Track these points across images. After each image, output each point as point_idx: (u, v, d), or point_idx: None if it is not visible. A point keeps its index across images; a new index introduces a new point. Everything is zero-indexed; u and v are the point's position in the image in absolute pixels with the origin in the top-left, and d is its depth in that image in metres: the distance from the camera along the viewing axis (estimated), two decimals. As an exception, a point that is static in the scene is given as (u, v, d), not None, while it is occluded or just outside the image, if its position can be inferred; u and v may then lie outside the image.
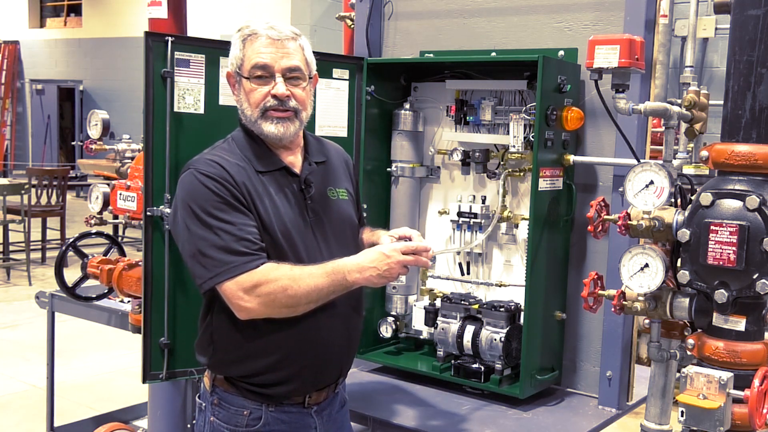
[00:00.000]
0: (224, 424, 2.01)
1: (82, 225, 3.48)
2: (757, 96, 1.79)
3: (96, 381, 5.63)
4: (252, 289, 1.86)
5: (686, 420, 1.77)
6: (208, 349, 2.04)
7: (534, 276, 2.58)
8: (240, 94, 2.03)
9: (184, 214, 1.92)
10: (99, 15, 17.15)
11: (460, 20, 3.04)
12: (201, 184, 1.91)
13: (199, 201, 1.90)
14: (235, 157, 1.99)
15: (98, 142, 3.65)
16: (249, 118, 2.01)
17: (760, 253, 1.74)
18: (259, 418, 2.00)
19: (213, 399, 2.04)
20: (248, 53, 1.98)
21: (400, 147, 2.99)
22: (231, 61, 2.04)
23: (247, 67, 1.98)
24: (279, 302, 1.88)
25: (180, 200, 1.95)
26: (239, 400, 2.00)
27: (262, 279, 1.86)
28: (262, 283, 1.86)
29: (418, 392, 2.77)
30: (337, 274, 1.90)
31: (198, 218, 1.89)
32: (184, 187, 1.95)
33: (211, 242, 1.88)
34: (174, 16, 5.68)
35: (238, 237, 1.88)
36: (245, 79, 1.99)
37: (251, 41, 1.99)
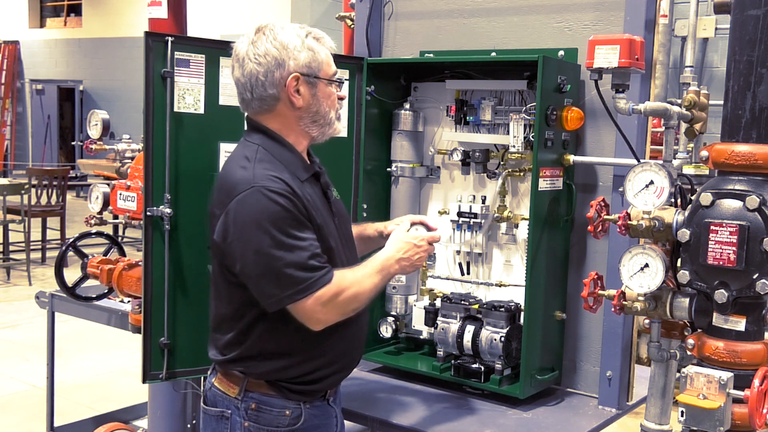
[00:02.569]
0: (265, 427, 2.01)
1: (82, 225, 3.48)
2: (757, 96, 1.79)
3: (96, 381, 5.63)
4: (329, 302, 1.92)
5: (686, 420, 1.77)
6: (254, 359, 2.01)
7: (534, 276, 2.58)
8: (315, 97, 2.02)
9: (254, 233, 1.87)
10: (99, 15, 17.16)
11: (460, 20, 3.04)
12: (272, 202, 1.88)
13: (273, 219, 1.87)
14: (280, 168, 1.97)
15: (98, 142, 3.65)
16: (329, 120, 2.06)
17: (760, 253, 1.74)
18: (299, 416, 2.03)
19: (249, 404, 2.02)
20: (326, 58, 2.04)
21: (400, 147, 2.99)
22: (306, 64, 1.99)
23: (329, 72, 2.05)
24: (350, 308, 1.98)
25: (248, 219, 1.88)
26: (280, 401, 2.02)
27: (337, 290, 1.93)
28: (338, 294, 1.93)
29: (418, 392, 2.77)
30: (384, 270, 2.04)
31: (272, 237, 1.87)
32: (252, 206, 1.89)
33: (286, 261, 1.87)
34: (174, 16, 5.68)
35: (311, 253, 1.90)
36: (325, 82, 2.03)
37: (323, 45, 2.05)
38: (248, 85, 2.00)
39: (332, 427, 2.14)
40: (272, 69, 1.97)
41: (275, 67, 1.97)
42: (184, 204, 2.52)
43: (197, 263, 2.56)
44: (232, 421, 2.03)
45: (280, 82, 1.98)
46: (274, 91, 1.98)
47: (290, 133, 2.04)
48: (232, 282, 1.98)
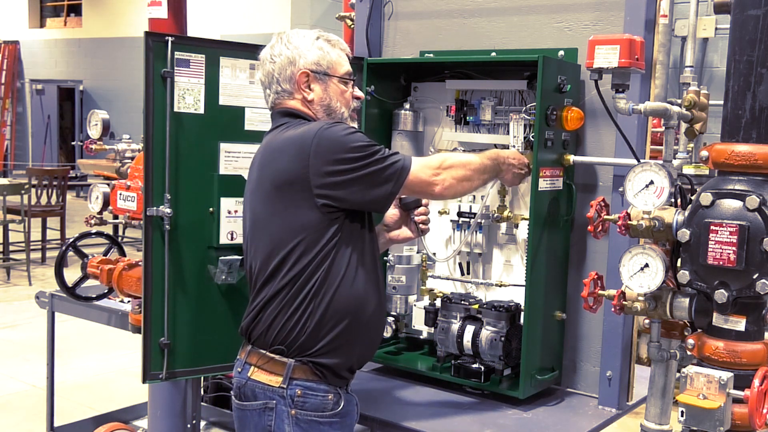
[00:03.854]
0: (312, 413, 2.07)
1: (82, 225, 3.47)
2: (757, 96, 1.79)
3: (96, 381, 5.63)
4: (439, 166, 2.16)
5: (686, 420, 1.77)
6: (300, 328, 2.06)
7: (534, 276, 2.58)
8: (327, 92, 2.19)
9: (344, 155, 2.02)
10: (99, 15, 17.16)
11: (460, 20, 3.04)
12: (339, 127, 2.05)
13: (351, 135, 2.05)
14: None
15: (98, 142, 3.64)
16: (341, 115, 2.21)
17: (760, 253, 1.74)
18: (339, 401, 2.11)
19: (295, 391, 2.06)
20: (337, 58, 2.21)
21: (400, 147, 2.99)
22: (316, 61, 2.17)
23: (341, 71, 2.21)
24: (462, 176, 2.21)
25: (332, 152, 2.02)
26: (324, 386, 2.08)
27: (442, 158, 2.20)
28: (445, 159, 2.19)
29: (418, 392, 2.77)
30: (495, 159, 2.37)
31: (358, 149, 2.03)
32: (329, 141, 2.02)
33: (378, 159, 2.05)
34: (174, 16, 5.67)
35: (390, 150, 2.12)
36: (338, 80, 2.20)
37: (336, 47, 2.22)
38: (266, 82, 2.21)
39: (355, 415, 2.22)
40: (285, 66, 2.17)
41: (288, 65, 2.17)
42: (184, 204, 2.52)
43: (197, 263, 2.56)
44: (278, 411, 2.06)
45: (292, 78, 2.17)
46: (288, 87, 2.18)
47: None
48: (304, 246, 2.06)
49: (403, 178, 2.08)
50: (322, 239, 2.03)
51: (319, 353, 2.07)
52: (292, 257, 2.04)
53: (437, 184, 2.15)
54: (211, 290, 2.58)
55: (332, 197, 2.02)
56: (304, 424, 2.05)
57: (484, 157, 2.32)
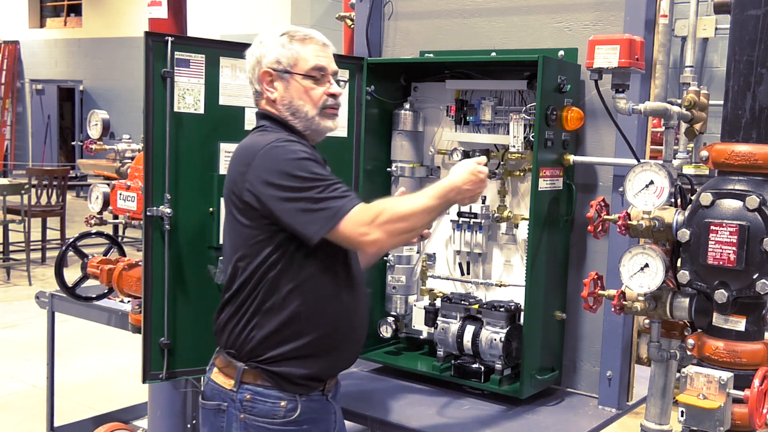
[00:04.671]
0: (260, 419, 2.04)
1: (82, 225, 3.47)
2: (757, 96, 1.79)
3: (96, 381, 5.63)
4: (372, 221, 1.94)
5: (686, 420, 1.77)
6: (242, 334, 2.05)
7: (534, 276, 2.58)
8: (288, 91, 2.12)
9: (276, 180, 1.96)
10: (99, 15, 17.16)
11: (460, 20, 3.04)
12: (287, 149, 1.99)
13: (291, 162, 1.97)
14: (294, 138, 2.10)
15: (98, 142, 3.65)
16: (305, 115, 2.12)
17: (760, 253, 1.74)
18: (295, 408, 2.05)
19: (244, 395, 2.04)
20: (304, 54, 2.12)
21: (400, 147, 2.99)
22: (277, 59, 2.11)
23: (305, 67, 2.11)
24: (399, 228, 1.98)
25: (267, 171, 1.98)
26: (275, 393, 2.04)
27: (376, 210, 1.96)
28: (379, 213, 1.95)
29: (418, 392, 2.77)
30: (444, 197, 2.04)
31: (294, 178, 1.96)
32: (269, 158, 1.98)
33: (313, 195, 1.95)
34: (174, 16, 5.68)
35: (335, 184, 1.98)
36: (300, 77, 2.11)
37: (306, 43, 2.13)
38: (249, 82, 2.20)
39: (331, 423, 2.15)
40: (254, 67, 2.16)
41: (255, 65, 2.15)
42: (184, 204, 2.52)
43: (197, 263, 2.56)
44: (228, 414, 2.06)
45: (258, 78, 2.15)
46: (258, 87, 2.16)
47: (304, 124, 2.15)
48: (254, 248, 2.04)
49: (328, 227, 1.94)
50: (264, 250, 2.01)
51: (270, 361, 2.04)
52: (241, 264, 2.05)
53: (365, 244, 1.98)
54: (211, 290, 2.57)
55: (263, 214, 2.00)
56: (253, 429, 2.04)
57: (432, 196, 2.02)
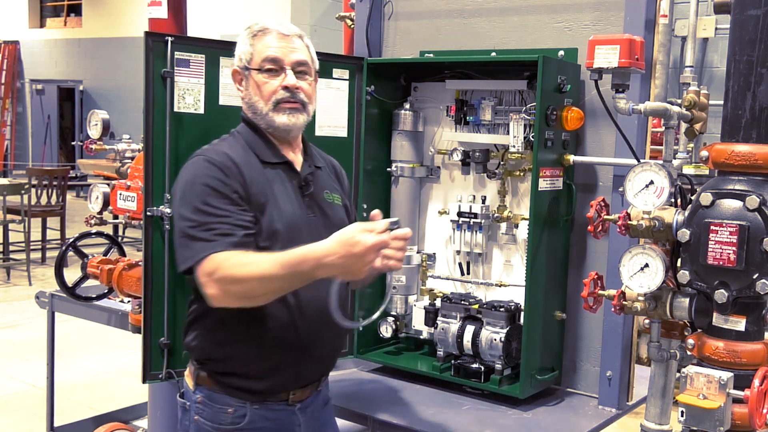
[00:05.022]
0: (209, 423, 2.01)
1: (82, 225, 3.47)
2: (757, 96, 1.79)
3: (96, 381, 5.63)
4: (211, 274, 1.82)
5: (686, 420, 1.77)
6: (191, 335, 2.06)
7: (534, 276, 2.58)
8: (248, 88, 2.07)
9: (180, 195, 1.96)
10: (99, 15, 17.15)
11: (460, 20, 3.04)
12: (203, 169, 1.95)
13: (197, 185, 1.93)
14: (242, 149, 2.04)
15: (98, 142, 3.65)
16: (260, 111, 2.05)
17: (760, 253, 1.74)
18: (244, 415, 2.00)
19: (197, 397, 2.03)
20: (259, 47, 2.04)
21: (400, 147, 2.99)
22: (239, 56, 2.08)
23: (258, 61, 2.04)
24: (234, 290, 1.82)
25: (181, 183, 1.98)
26: (223, 397, 2.00)
27: (218, 265, 1.82)
28: (216, 268, 1.81)
29: (418, 392, 2.77)
30: (297, 267, 1.77)
31: (189, 202, 1.93)
32: (188, 170, 1.99)
33: (192, 226, 1.89)
34: (174, 16, 5.68)
35: (215, 223, 1.88)
36: (255, 72, 2.04)
37: (261, 36, 2.05)
38: None
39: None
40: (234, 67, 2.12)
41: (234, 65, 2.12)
42: (184, 204, 2.52)
43: (197, 263, 2.56)
44: (189, 414, 2.06)
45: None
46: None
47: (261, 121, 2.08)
48: None
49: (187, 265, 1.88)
50: None
51: (215, 366, 2.03)
52: None
53: (207, 295, 1.85)
54: (211, 290, 2.57)
55: None
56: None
57: (279, 263, 1.79)
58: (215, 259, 1.83)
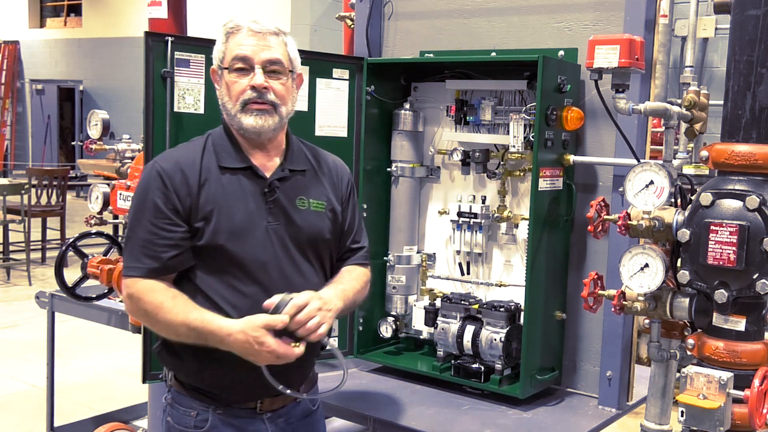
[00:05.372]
0: (176, 425, 2.02)
1: (82, 225, 3.48)
2: (757, 96, 1.79)
3: (96, 381, 5.63)
4: (129, 297, 1.95)
5: (686, 420, 1.77)
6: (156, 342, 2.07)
7: (534, 276, 2.58)
8: (222, 88, 2.02)
9: (133, 200, 2.01)
10: (99, 15, 17.15)
11: (460, 20, 3.04)
12: (150, 179, 1.96)
13: (141, 195, 1.96)
14: (203, 152, 2.01)
15: (98, 142, 3.65)
16: (230, 112, 1.99)
17: (760, 253, 1.74)
18: (206, 420, 1.97)
19: (168, 398, 2.06)
20: (230, 46, 1.99)
21: (400, 147, 2.99)
22: (214, 56, 2.04)
23: (228, 59, 1.98)
24: (144, 321, 1.99)
25: (137, 188, 2.03)
26: (188, 401, 2.00)
27: (137, 295, 1.93)
28: (137, 299, 1.93)
29: (418, 392, 2.77)
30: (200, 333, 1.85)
31: (135, 209, 1.97)
32: (142, 175, 2.01)
33: (129, 236, 1.98)
34: (174, 16, 5.68)
35: (149, 244, 1.92)
36: (226, 72, 1.98)
37: (234, 34, 2.00)
38: None
39: None
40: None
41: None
42: (184, 204, 2.52)
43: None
44: (166, 413, 2.07)
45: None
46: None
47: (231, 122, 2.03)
48: None
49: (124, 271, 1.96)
50: None
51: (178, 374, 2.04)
52: None
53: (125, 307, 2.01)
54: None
55: None
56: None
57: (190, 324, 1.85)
58: (136, 285, 1.93)
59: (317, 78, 2.85)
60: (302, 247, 2.03)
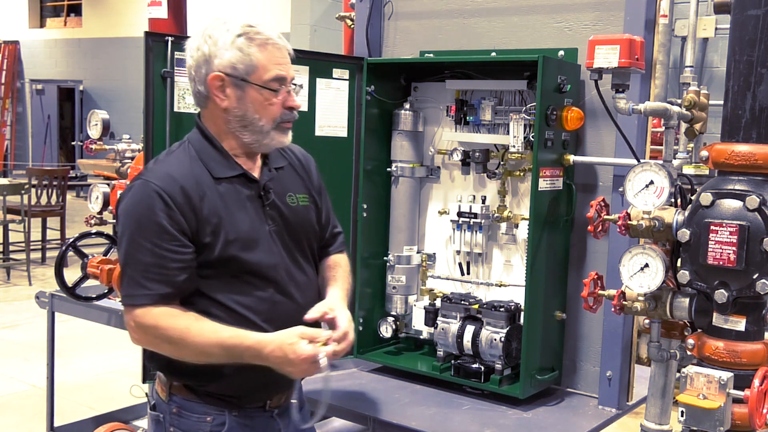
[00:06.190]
0: None
1: (82, 225, 3.48)
2: (757, 96, 1.79)
3: (96, 381, 5.63)
4: (140, 328, 1.86)
5: (686, 420, 1.77)
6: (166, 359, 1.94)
7: (534, 276, 2.58)
8: (242, 101, 1.91)
9: (125, 223, 1.88)
10: (99, 15, 17.16)
11: (460, 20, 3.04)
12: (148, 199, 1.85)
13: (140, 216, 1.85)
14: (192, 164, 1.92)
15: (98, 142, 3.65)
16: (259, 129, 1.93)
17: (760, 253, 1.74)
18: (223, 423, 1.95)
19: (172, 408, 1.96)
20: (264, 62, 1.90)
21: (400, 147, 2.99)
22: (232, 64, 1.89)
23: (264, 77, 1.90)
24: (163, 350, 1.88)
25: (125, 209, 1.89)
26: (201, 407, 1.95)
27: (152, 323, 1.84)
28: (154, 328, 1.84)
29: (418, 392, 2.77)
30: (234, 352, 1.83)
31: (130, 234, 1.85)
32: (133, 196, 1.88)
33: (130, 263, 1.86)
34: (174, 16, 5.69)
35: (159, 268, 1.84)
36: (257, 88, 1.91)
37: (265, 49, 1.91)
38: (189, 78, 1.98)
39: None
40: (201, 65, 1.92)
41: (203, 63, 1.91)
42: (184, 204, 2.51)
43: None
44: (164, 426, 1.98)
45: (206, 80, 1.91)
46: (202, 88, 1.94)
47: (220, 133, 1.96)
48: None
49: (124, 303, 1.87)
50: None
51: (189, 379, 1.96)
52: None
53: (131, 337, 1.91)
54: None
55: None
56: None
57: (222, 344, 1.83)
58: (151, 314, 1.84)
59: (317, 78, 2.86)
60: (299, 243, 2.05)
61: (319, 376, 1.93)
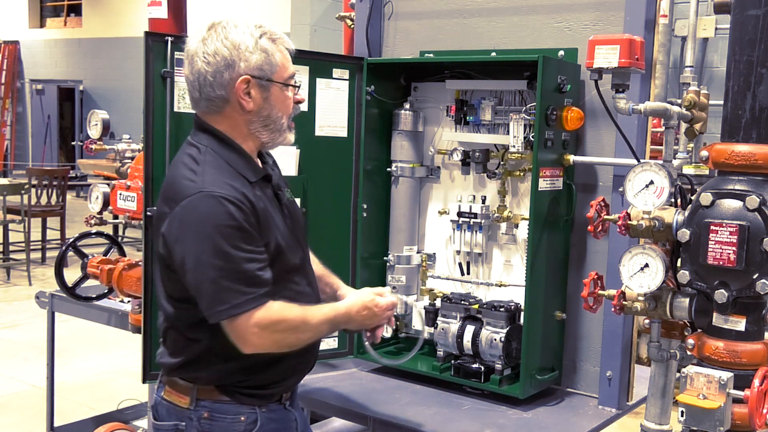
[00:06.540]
0: None
1: (82, 225, 3.48)
2: (757, 96, 1.79)
3: (96, 381, 5.63)
4: (267, 327, 1.83)
5: (686, 420, 1.77)
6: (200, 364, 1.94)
7: (534, 276, 2.58)
8: (268, 101, 1.93)
9: (198, 240, 1.81)
10: (99, 15, 17.16)
11: (460, 20, 3.04)
12: (220, 208, 1.80)
13: (218, 227, 1.79)
14: (229, 170, 1.90)
15: (98, 142, 3.65)
16: (279, 127, 1.97)
17: (760, 253, 1.74)
18: (255, 421, 1.97)
19: (201, 414, 1.94)
20: (283, 60, 1.95)
21: (400, 147, 2.99)
22: (259, 65, 1.90)
23: (284, 75, 1.95)
24: (287, 342, 1.92)
25: (194, 225, 1.82)
26: (234, 407, 1.95)
27: (278, 318, 1.86)
28: (279, 322, 1.86)
29: (417, 392, 2.77)
30: (335, 322, 2.03)
31: (215, 246, 1.79)
32: (198, 211, 1.81)
33: (227, 272, 1.80)
34: (174, 16, 5.69)
35: (254, 267, 1.83)
36: (280, 86, 1.94)
37: (278, 45, 1.95)
38: (196, 84, 1.91)
39: (292, 431, 2.09)
40: (221, 70, 1.88)
41: (224, 68, 1.88)
42: (184, 204, 2.51)
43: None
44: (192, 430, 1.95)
45: (230, 84, 1.88)
46: (223, 93, 1.90)
47: (239, 135, 1.95)
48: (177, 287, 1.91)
49: (226, 315, 1.80)
50: None
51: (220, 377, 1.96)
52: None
53: (248, 344, 1.84)
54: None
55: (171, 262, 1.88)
56: None
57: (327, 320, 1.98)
58: (272, 309, 1.85)
59: (317, 78, 2.85)
60: (304, 237, 2.15)
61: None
